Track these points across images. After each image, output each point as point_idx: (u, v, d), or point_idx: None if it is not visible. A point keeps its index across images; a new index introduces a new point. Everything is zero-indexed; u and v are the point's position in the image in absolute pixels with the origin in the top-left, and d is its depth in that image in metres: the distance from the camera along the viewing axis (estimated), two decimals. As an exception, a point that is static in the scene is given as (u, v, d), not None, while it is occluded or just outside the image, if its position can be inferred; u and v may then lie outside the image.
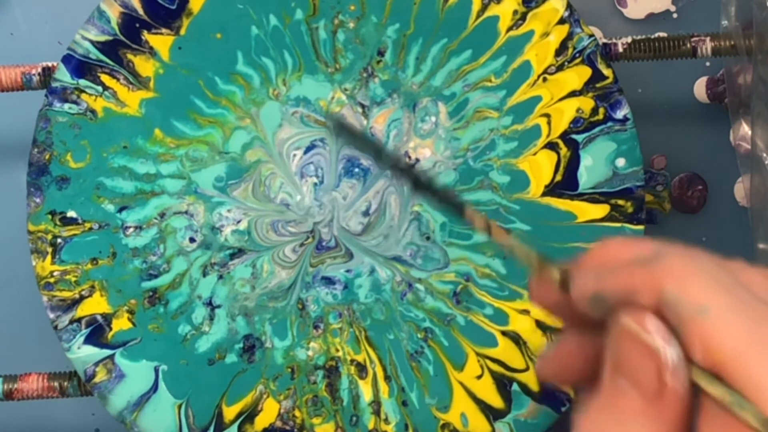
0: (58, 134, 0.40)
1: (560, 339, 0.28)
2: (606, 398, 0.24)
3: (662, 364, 0.23)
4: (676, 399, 0.23)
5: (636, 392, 0.23)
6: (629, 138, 0.40)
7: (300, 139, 0.41)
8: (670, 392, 0.23)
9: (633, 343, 0.23)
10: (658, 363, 0.23)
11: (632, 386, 0.23)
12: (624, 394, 0.23)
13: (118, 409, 0.39)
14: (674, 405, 0.23)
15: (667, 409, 0.23)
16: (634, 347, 0.23)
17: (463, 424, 0.40)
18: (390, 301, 0.40)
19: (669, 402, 0.23)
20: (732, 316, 0.22)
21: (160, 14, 0.40)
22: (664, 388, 0.23)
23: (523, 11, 0.40)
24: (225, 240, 0.40)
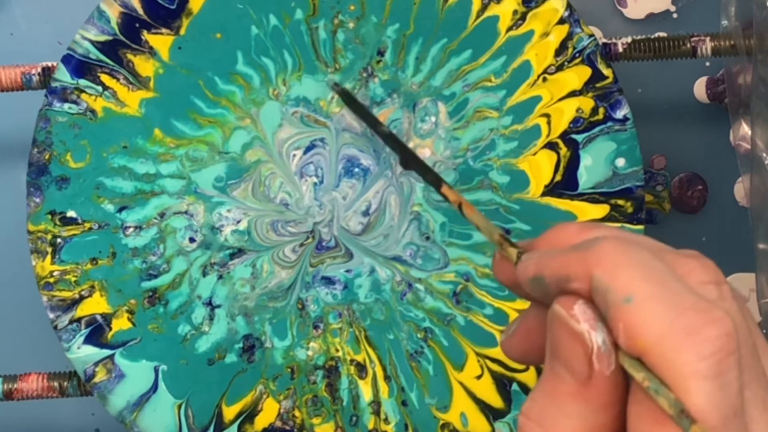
0: (58, 134, 0.40)
1: (523, 316, 0.29)
2: (546, 382, 0.25)
3: (588, 349, 0.24)
4: (605, 382, 0.24)
5: (569, 376, 0.24)
6: (629, 138, 0.40)
7: (300, 139, 0.41)
8: (598, 375, 0.24)
9: (563, 328, 0.24)
10: (585, 348, 0.24)
11: (566, 370, 0.24)
12: (560, 377, 0.24)
13: (117, 409, 0.39)
14: (603, 388, 0.24)
15: (597, 391, 0.24)
16: (565, 333, 0.24)
17: (463, 424, 0.40)
18: (390, 301, 0.40)
19: (598, 385, 0.24)
20: (655, 306, 0.23)
21: (160, 14, 0.40)
22: (592, 372, 0.24)
23: (523, 11, 0.40)
24: (225, 240, 0.40)
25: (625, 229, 0.40)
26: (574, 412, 0.24)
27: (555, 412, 0.24)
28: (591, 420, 0.24)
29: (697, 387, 0.22)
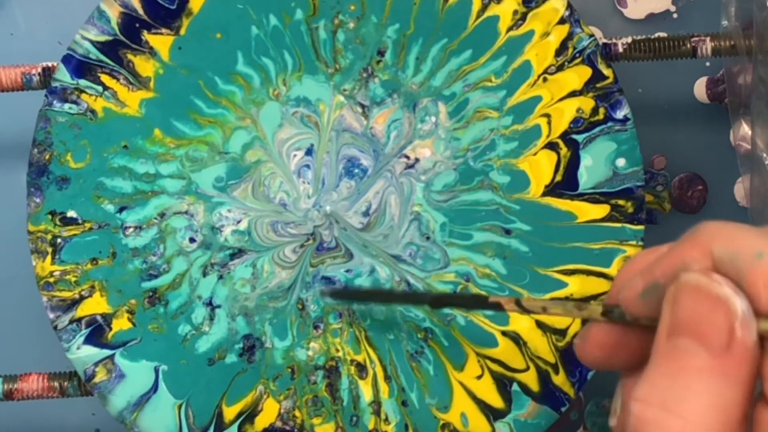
0: (58, 134, 0.40)
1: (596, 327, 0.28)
2: (664, 363, 0.23)
3: (732, 314, 0.22)
4: (745, 351, 0.22)
5: (701, 349, 0.23)
6: (629, 138, 0.40)
7: (300, 139, 0.41)
8: (739, 344, 0.22)
9: (700, 297, 0.23)
10: (727, 314, 0.23)
11: (697, 343, 0.23)
12: (686, 353, 0.23)
13: (118, 409, 0.39)
14: (743, 358, 0.22)
15: (736, 362, 0.22)
16: (702, 302, 0.23)
17: (463, 424, 0.40)
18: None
19: (737, 355, 0.22)
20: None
21: (160, 14, 0.40)
22: (733, 341, 0.22)
23: (523, 11, 0.40)
24: (225, 240, 0.40)
25: (625, 230, 0.40)
26: (706, 388, 0.22)
27: (681, 391, 0.22)
28: (725, 397, 0.22)
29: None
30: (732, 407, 0.22)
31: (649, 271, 0.25)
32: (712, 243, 0.24)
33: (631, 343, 0.27)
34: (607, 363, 0.28)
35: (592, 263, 0.40)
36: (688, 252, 0.24)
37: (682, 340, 0.23)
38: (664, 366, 0.23)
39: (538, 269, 0.40)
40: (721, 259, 0.23)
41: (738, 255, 0.23)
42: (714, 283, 0.23)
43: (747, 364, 0.23)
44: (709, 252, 0.24)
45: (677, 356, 0.23)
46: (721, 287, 0.23)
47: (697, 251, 0.24)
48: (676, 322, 0.23)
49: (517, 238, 0.40)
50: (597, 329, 0.27)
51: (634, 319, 0.26)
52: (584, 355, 0.28)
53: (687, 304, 0.23)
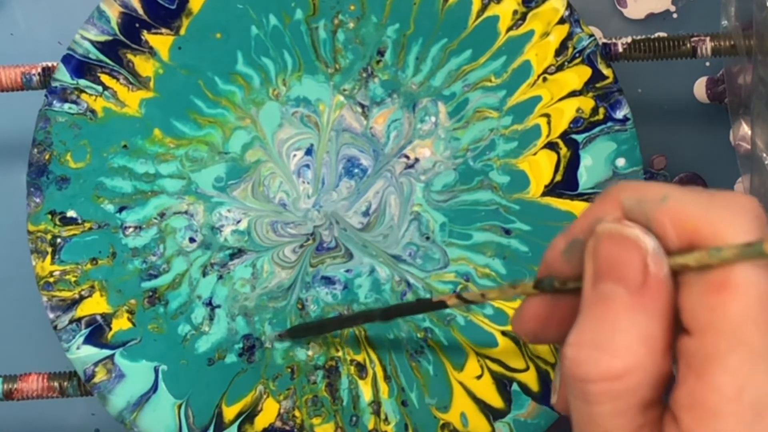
0: (57, 134, 0.40)
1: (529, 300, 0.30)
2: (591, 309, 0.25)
3: (644, 252, 0.24)
4: (660, 284, 0.24)
5: (621, 289, 0.25)
6: (629, 138, 0.40)
7: (300, 139, 0.41)
8: (654, 279, 0.24)
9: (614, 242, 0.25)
10: (639, 252, 0.25)
11: (617, 284, 0.25)
12: (609, 296, 0.25)
13: (118, 409, 0.39)
14: (658, 291, 0.24)
15: (652, 295, 0.24)
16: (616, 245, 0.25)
17: (463, 424, 0.40)
18: (390, 301, 0.40)
19: (653, 289, 0.24)
20: (690, 195, 0.25)
21: (160, 14, 0.40)
22: (648, 277, 0.24)
23: (523, 11, 0.40)
24: (225, 240, 0.40)
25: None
26: (630, 324, 0.24)
27: (608, 330, 0.24)
28: (647, 329, 0.24)
29: (755, 225, 0.24)
30: (655, 338, 0.24)
31: (569, 231, 0.27)
32: (621, 195, 0.26)
33: (560, 313, 0.29)
34: (540, 334, 0.30)
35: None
36: (600, 208, 0.26)
37: (604, 284, 0.25)
38: (591, 311, 0.25)
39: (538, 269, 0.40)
40: (630, 208, 0.25)
41: (644, 200, 0.25)
42: (625, 227, 0.25)
43: (663, 297, 0.24)
44: (620, 204, 0.26)
45: (602, 300, 0.25)
46: (631, 229, 0.25)
47: (609, 205, 0.26)
48: (596, 269, 0.25)
49: (517, 238, 0.40)
50: (530, 303, 0.30)
51: (562, 284, 0.28)
52: (520, 328, 0.30)
53: (604, 250, 0.25)
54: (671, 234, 0.24)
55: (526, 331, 0.30)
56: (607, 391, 0.24)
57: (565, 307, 0.29)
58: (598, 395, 0.24)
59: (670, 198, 0.25)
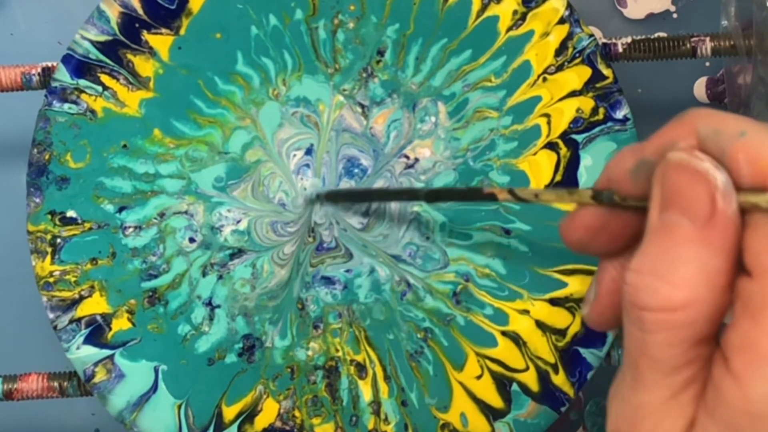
0: (57, 134, 0.40)
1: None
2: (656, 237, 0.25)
3: (713, 187, 0.24)
4: (727, 221, 0.24)
5: (687, 221, 0.24)
6: (629, 138, 0.40)
7: (300, 139, 0.41)
8: (721, 215, 0.24)
9: (683, 173, 0.25)
10: (708, 187, 0.24)
11: (683, 216, 0.24)
12: (675, 227, 0.24)
13: (117, 409, 0.39)
14: (725, 227, 0.24)
15: (719, 231, 0.24)
16: (685, 177, 0.24)
17: (462, 424, 0.40)
18: (390, 301, 0.40)
19: (720, 225, 0.24)
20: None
21: (160, 14, 0.40)
22: (716, 212, 0.24)
23: (523, 11, 0.40)
24: (225, 240, 0.40)
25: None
26: (693, 257, 0.24)
27: (671, 260, 0.24)
28: (710, 264, 0.24)
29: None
30: (716, 274, 0.24)
31: (640, 149, 0.27)
32: (698, 123, 0.25)
33: (613, 227, 0.29)
34: (588, 245, 0.29)
35: (592, 263, 0.40)
36: (675, 131, 0.26)
37: (670, 214, 0.24)
38: (656, 239, 0.25)
39: (538, 269, 0.40)
40: (706, 137, 0.25)
41: (721, 132, 0.24)
42: (695, 159, 0.24)
43: (729, 234, 0.24)
44: (695, 131, 0.25)
45: (666, 229, 0.24)
46: (702, 162, 0.24)
47: (684, 130, 0.25)
48: (664, 197, 0.25)
49: (517, 238, 0.40)
50: (584, 211, 0.29)
51: (622, 199, 0.28)
52: (569, 234, 0.30)
53: (672, 179, 0.25)
54: (745, 171, 0.24)
55: (574, 239, 0.30)
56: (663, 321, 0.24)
57: (619, 221, 0.29)
58: (654, 324, 0.24)
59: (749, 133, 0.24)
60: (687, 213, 0.24)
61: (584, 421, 0.47)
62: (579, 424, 0.47)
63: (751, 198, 0.24)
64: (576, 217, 0.29)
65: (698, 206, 0.24)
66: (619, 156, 0.28)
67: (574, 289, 0.40)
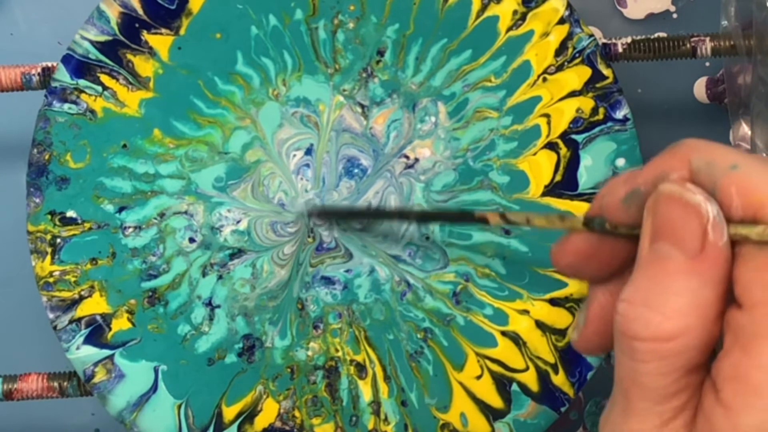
0: (57, 134, 0.40)
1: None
2: (647, 267, 0.25)
3: (704, 219, 0.24)
4: (718, 253, 0.24)
5: (678, 253, 0.24)
6: (629, 138, 0.40)
7: (300, 139, 0.41)
8: (712, 247, 0.24)
9: (675, 204, 0.25)
10: (699, 219, 0.24)
11: (674, 247, 0.25)
12: (665, 257, 0.25)
13: (117, 409, 0.39)
14: (715, 259, 0.24)
15: (709, 263, 0.24)
16: (677, 208, 0.25)
17: (462, 424, 0.40)
18: (389, 301, 0.40)
19: (710, 256, 0.24)
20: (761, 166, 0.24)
21: (160, 14, 0.40)
22: (706, 243, 0.24)
23: (523, 11, 0.40)
24: (224, 240, 0.40)
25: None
26: (684, 288, 0.24)
27: (662, 291, 0.24)
28: (701, 295, 0.24)
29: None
30: (707, 305, 0.24)
31: (632, 179, 0.27)
32: (691, 154, 0.25)
33: (603, 254, 0.29)
34: (578, 270, 0.30)
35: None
36: (667, 162, 0.26)
37: (662, 244, 0.25)
38: (647, 269, 0.25)
39: (538, 269, 0.40)
40: (698, 169, 0.25)
41: (713, 165, 0.25)
42: (687, 191, 0.25)
43: (720, 266, 0.24)
44: (688, 162, 0.25)
45: (658, 260, 0.25)
46: (694, 195, 0.25)
47: (676, 161, 0.26)
48: (655, 228, 0.25)
49: (517, 238, 0.40)
50: (575, 237, 0.29)
51: (613, 227, 0.28)
52: (560, 259, 0.30)
53: (664, 210, 0.25)
54: (736, 203, 0.24)
55: (565, 263, 0.30)
56: (654, 351, 0.24)
57: (610, 248, 0.29)
58: (645, 354, 0.24)
59: (741, 166, 0.24)
60: (678, 244, 0.24)
61: (584, 421, 0.47)
62: (579, 424, 0.47)
63: (742, 230, 0.24)
64: (567, 243, 0.30)
65: (689, 238, 0.24)
66: (611, 184, 0.28)
67: (574, 289, 0.40)
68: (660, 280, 0.25)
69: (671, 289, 0.24)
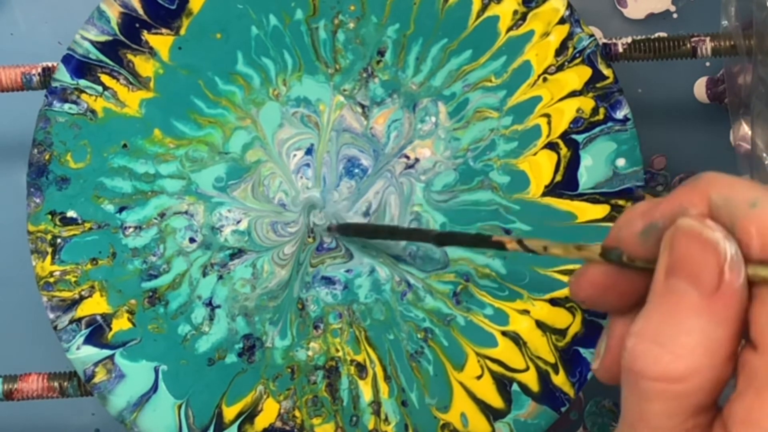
0: (57, 134, 0.40)
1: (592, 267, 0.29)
2: (660, 302, 0.24)
3: (722, 257, 0.24)
4: (734, 293, 0.24)
5: (693, 290, 0.24)
6: (629, 138, 0.40)
7: (300, 139, 0.41)
8: (728, 287, 0.24)
9: (693, 241, 0.24)
10: (717, 257, 0.24)
11: (689, 284, 0.24)
12: (680, 294, 0.24)
13: (118, 409, 0.39)
14: (731, 299, 0.24)
15: (725, 303, 0.24)
16: (694, 245, 0.24)
17: (463, 424, 0.40)
18: (390, 301, 0.40)
19: (726, 296, 0.24)
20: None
21: (160, 14, 0.40)
22: (723, 282, 0.24)
23: (523, 11, 0.40)
24: (225, 240, 0.40)
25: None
26: (696, 327, 0.24)
27: (674, 328, 0.24)
28: (713, 334, 0.24)
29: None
30: (719, 345, 0.24)
31: (649, 212, 0.26)
32: (710, 189, 0.25)
33: (622, 286, 0.28)
34: (597, 301, 0.29)
35: (592, 263, 0.40)
36: (687, 197, 0.25)
37: (677, 280, 0.24)
38: (660, 304, 0.24)
39: (538, 269, 0.40)
40: (717, 205, 0.25)
41: (733, 202, 0.24)
42: (706, 228, 0.24)
43: (735, 306, 0.24)
44: (707, 198, 0.25)
45: (672, 296, 0.24)
46: (712, 232, 0.24)
47: (696, 196, 0.25)
48: (671, 263, 0.25)
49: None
50: (593, 269, 0.29)
51: (630, 260, 0.27)
52: (577, 291, 0.29)
53: (682, 246, 0.24)
54: (755, 243, 0.24)
55: (583, 296, 0.29)
56: (662, 391, 0.24)
57: (628, 280, 0.28)
58: (653, 393, 0.24)
59: (760, 205, 0.24)
60: (694, 282, 0.24)
61: (584, 421, 0.47)
62: (579, 424, 0.47)
63: (761, 271, 0.24)
64: (584, 274, 0.29)
65: (706, 276, 0.24)
66: (628, 216, 0.27)
67: (574, 289, 0.40)
68: (672, 316, 0.24)
69: (683, 327, 0.24)
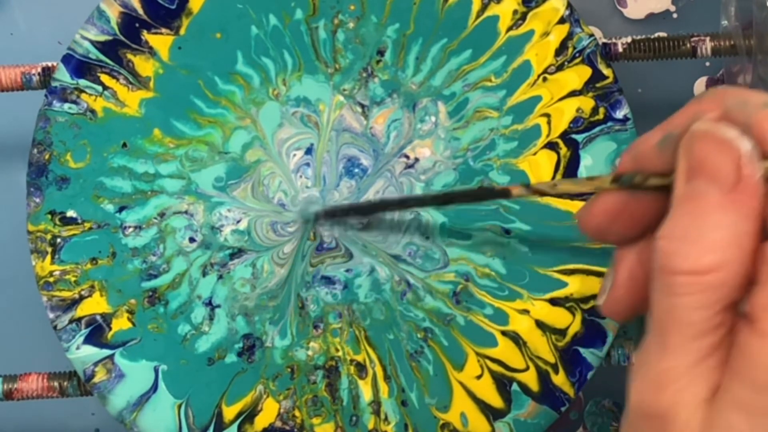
0: (57, 134, 0.40)
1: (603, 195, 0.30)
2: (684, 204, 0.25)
3: (739, 154, 0.25)
4: (753, 186, 0.25)
5: (714, 188, 0.25)
6: (629, 138, 0.40)
7: (300, 139, 0.41)
8: (747, 180, 0.25)
9: (709, 142, 0.25)
10: (734, 154, 0.25)
11: (710, 183, 0.25)
12: (701, 193, 0.25)
13: (117, 409, 0.39)
14: (751, 192, 0.25)
15: (745, 196, 0.25)
16: (711, 145, 0.25)
17: (462, 424, 0.40)
18: (390, 300, 0.40)
19: (746, 190, 0.25)
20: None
21: (160, 14, 0.40)
22: (741, 178, 0.25)
23: (523, 11, 0.40)
24: (225, 240, 0.40)
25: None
26: (721, 221, 0.25)
27: (701, 226, 0.25)
28: (738, 228, 0.25)
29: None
30: (744, 237, 0.25)
31: (665, 125, 0.27)
32: (725, 96, 0.26)
33: (633, 211, 0.29)
34: (606, 231, 0.30)
35: (592, 263, 0.40)
36: (701, 105, 0.26)
37: (697, 182, 0.25)
38: (684, 206, 0.25)
39: (538, 269, 0.40)
40: (732, 108, 0.26)
41: (746, 103, 0.25)
42: (721, 128, 0.25)
43: (755, 199, 0.25)
44: (721, 105, 0.26)
45: (694, 197, 0.25)
46: (727, 131, 0.25)
47: (710, 104, 0.26)
48: (690, 166, 0.25)
49: (517, 238, 0.40)
50: (603, 197, 0.30)
51: (643, 179, 0.28)
52: (587, 221, 0.30)
53: (698, 149, 0.25)
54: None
55: (593, 225, 0.30)
56: (693, 284, 0.24)
57: (639, 204, 0.29)
58: (685, 286, 0.25)
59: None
60: (714, 180, 0.25)
61: (584, 421, 0.47)
62: (579, 424, 0.47)
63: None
64: (595, 203, 0.30)
65: (725, 173, 0.25)
66: (644, 135, 0.28)
67: (574, 289, 0.40)
68: (697, 215, 0.25)
69: (709, 223, 0.25)
